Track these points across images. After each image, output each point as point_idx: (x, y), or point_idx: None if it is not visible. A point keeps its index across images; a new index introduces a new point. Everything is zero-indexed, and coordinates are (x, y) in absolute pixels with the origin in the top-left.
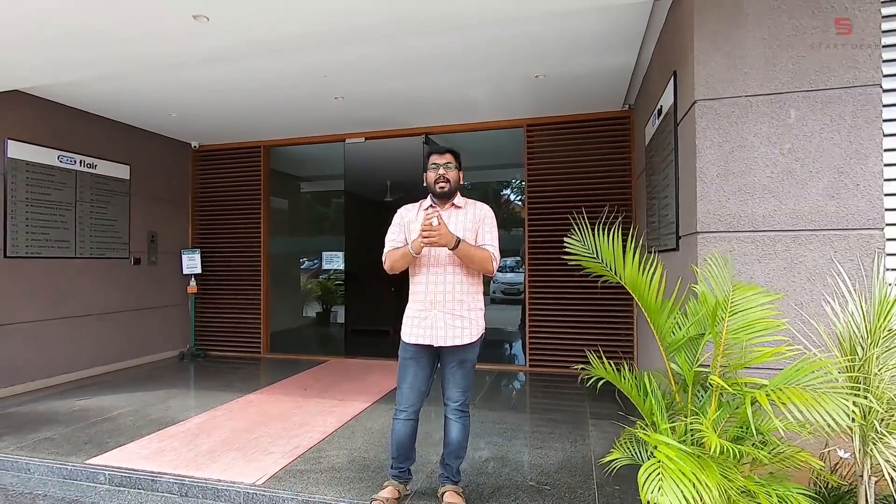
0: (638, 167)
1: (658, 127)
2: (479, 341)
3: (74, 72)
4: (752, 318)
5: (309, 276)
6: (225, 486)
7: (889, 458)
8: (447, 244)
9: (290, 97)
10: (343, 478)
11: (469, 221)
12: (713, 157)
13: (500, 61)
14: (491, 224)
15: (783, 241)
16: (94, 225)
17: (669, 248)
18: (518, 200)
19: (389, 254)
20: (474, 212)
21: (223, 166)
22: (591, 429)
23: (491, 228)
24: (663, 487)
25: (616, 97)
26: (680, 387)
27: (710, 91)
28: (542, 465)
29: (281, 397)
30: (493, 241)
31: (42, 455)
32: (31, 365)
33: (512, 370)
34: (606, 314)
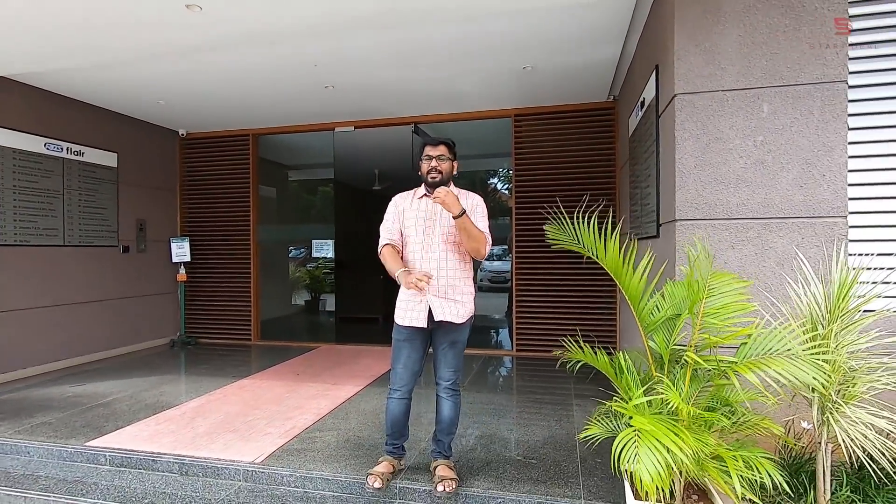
0: (622, 157)
1: (641, 119)
2: (468, 323)
3: (63, 60)
4: (726, 301)
5: (297, 265)
6: (224, 465)
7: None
8: (453, 210)
9: (279, 86)
10: (339, 455)
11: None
12: (691, 148)
13: (489, 53)
14: (482, 213)
15: (755, 229)
16: (83, 213)
17: (651, 236)
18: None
19: (383, 253)
20: (466, 202)
21: (211, 154)
22: (575, 408)
23: (482, 217)
24: (639, 454)
25: (601, 88)
26: (657, 364)
27: (689, 85)
28: (528, 441)
29: (274, 382)
30: (484, 229)
31: (41, 439)
32: (22, 352)
33: (499, 355)
34: (591, 300)
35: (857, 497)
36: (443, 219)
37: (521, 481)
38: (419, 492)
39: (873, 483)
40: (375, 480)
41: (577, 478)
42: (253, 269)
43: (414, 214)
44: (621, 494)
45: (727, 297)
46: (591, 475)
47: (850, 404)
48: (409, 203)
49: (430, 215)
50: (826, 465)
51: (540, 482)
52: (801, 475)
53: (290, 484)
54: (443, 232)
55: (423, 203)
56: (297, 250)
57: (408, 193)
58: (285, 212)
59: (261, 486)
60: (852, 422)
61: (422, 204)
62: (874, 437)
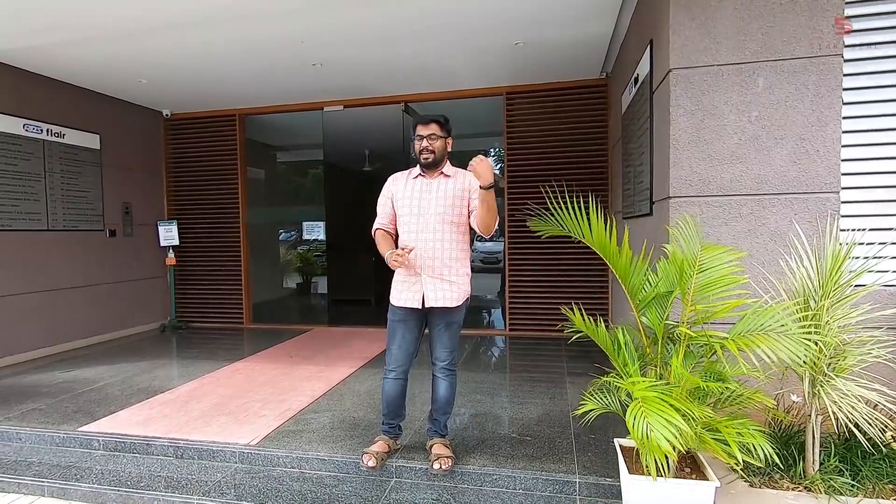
0: (614, 135)
1: (634, 95)
2: (464, 304)
3: (38, 36)
4: (717, 275)
5: (288, 248)
6: (220, 447)
7: (835, 399)
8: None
9: (266, 64)
10: (334, 436)
11: (458, 189)
12: (686, 124)
13: (480, 29)
14: None
15: (748, 205)
16: (66, 196)
17: (643, 214)
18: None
19: (375, 236)
20: (463, 181)
21: (197, 135)
22: (568, 386)
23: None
24: (650, 423)
25: (594, 65)
26: (651, 340)
27: (685, 60)
28: (522, 419)
29: (267, 365)
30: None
31: (32, 424)
32: (8, 339)
33: (492, 334)
34: (583, 278)
35: (845, 466)
36: (438, 199)
37: (516, 458)
38: (416, 470)
39: (860, 453)
40: (370, 459)
41: (572, 454)
42: (243, 252)
43: (408, 195)
44: (615, 469)
45: (719, 271)
46: (585, 451)
47: (841, 377)
48: (402, 184)
49: (425, 195)
50: (815, 437)
51: (535, 458)
52: (790, 446)
53: (287, 465)
54: (437, 212)
55: (418, 183)
56: (287, 233)
57: (403, 174)
58: (275, 194)
59: (257, 467)
60: (843, 394)
61: (416, 184)
62: (863, 409)
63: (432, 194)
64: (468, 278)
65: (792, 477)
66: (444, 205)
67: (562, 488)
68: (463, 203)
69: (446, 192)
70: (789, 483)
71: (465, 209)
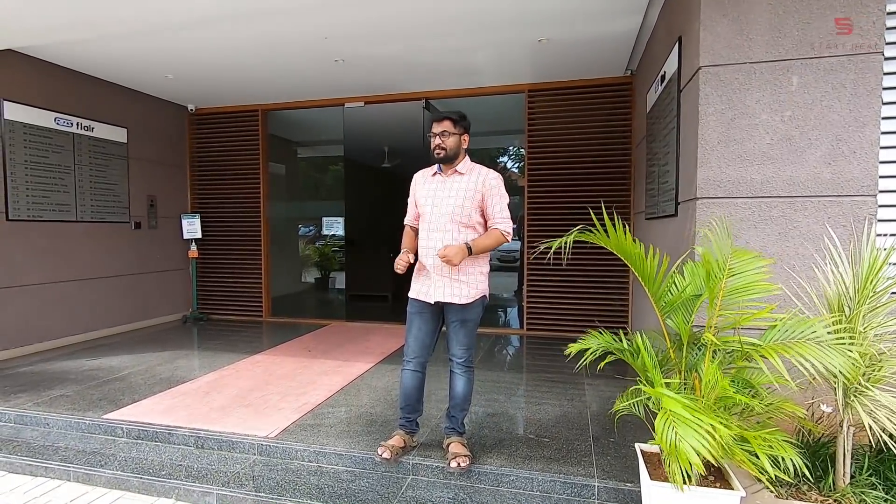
0: (638, 134)
1: (661, 93)
2: (478, 302)
3: (67, 31)
4: (748, 280)
5: (307, 242)
6: (240, 439)
7: (872, 410)
8: (461, 260)
9: (289, 59)
10: (352, 431)
11: (469, 190)
12: (715, 123)
13: (504, 24)
14: (498, 194)
15: (779, 207)
16: (94, 188)
17: (668, 215)
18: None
19: (403, 233)
20: (476, 179)
21: (220, 130)
22: (586, 387)
23: (499, 199)
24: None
25: (619, 63)
26: (675, 345)
27: (715, 57)
28: (540, 419)
29: (286, 358)
30: (501, 213)
31: (59, 411)
32: (37, 326)
33: (509, 334)
34: (602, 280)
35: (878, 480)
36: (449, 198)
37: (534, 459)
38: (432, 468)
39: (894, 466)
40: (385, 451)
41: (590, 456)
42: (263, 246)
43: (425, 193)
44: (635, 474)
45: (748, 277)
46: (604, 454)
47: (877, 387)
48: (421, 182)
49: (439, 193)
50: (847, 449)
51: (552, 461)
52: (819, 457)
53: (304, 458)
54: (448, 211)
55: (435, 181)
56: (306, 228)
57: (426, 171)
58: (296, 189)
59: (275, 459)
60: (879, 405)
61: (433, 182)
62: None
63: (445, 193)
64: (482, 276)
65: (821, 489)
66: (455, 204)
67: (580, 492)
68: (474, 203)
69: (458, 191)
70: (818, 495)
71: (475, 210)
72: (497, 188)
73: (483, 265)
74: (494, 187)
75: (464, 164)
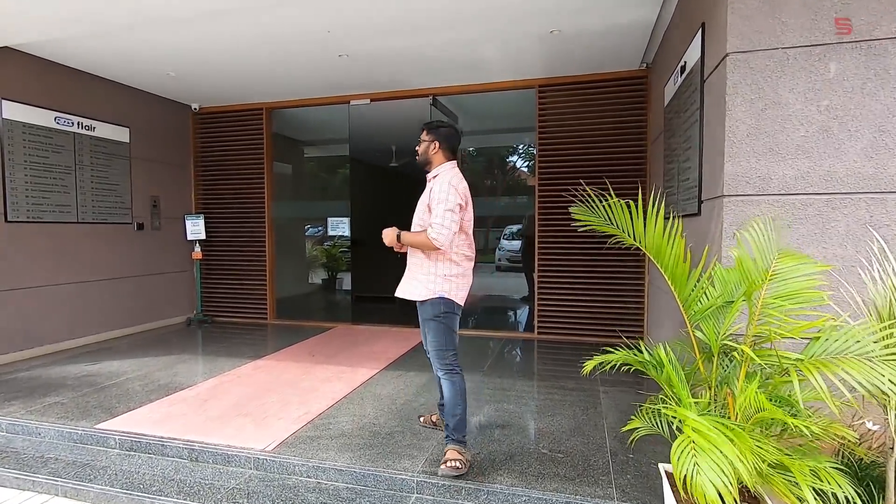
0: (654, 130)
1: (681, 85)
2: (433, 302)
3: (66, 26)
4: (793, 287)
5: (314, 243)
6: (235, 452)
7: None
8: (390, 242)
9: (292, 55)
10: (353, 444)
11: (426, 196)
12: (744, 114)
13: (513, 15)
14: (440, 201)
15: (815, 205)
16: (95, 189)
17: (690, 214)
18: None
19: None
20: (430, 190)
21: (225, 129)
22: (602, 396)
23: (438, 205)
24: (699, 465)
25: (634, 55)
26: (704, 356)
27: (744, 42)
28: (553, 432)
29: (289, 363)
30: (436, 219)
31: (52, 419)
32: (37, 330)
33: (520, 337)
34: (616, 281)
35: None
36: (420, 203)
37: (548, 477)
38: (438, 486)
39: None
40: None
41: (609, 475)
42: (268, 248)
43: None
44: (657, 495)
45: (795, 284)
46: (623, 472)
47: None
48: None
49: (420, 197)
50: None
51: (568, 479)
52: (863, 481)
53: (303, 474)
54: (417, 214)
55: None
56: (314, 228)
57: None
58: (301, 189)
59: (272, 475)
60: None
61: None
62: None
63: (421, 197)
64: (435, 277)
65: None
66: (419, 209)
67: None
68: (427, 209)
69: (423, 196)
70: None
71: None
72: (439, 195)
73: (436, 266)
74: (437, 194)
75: (436, 169)
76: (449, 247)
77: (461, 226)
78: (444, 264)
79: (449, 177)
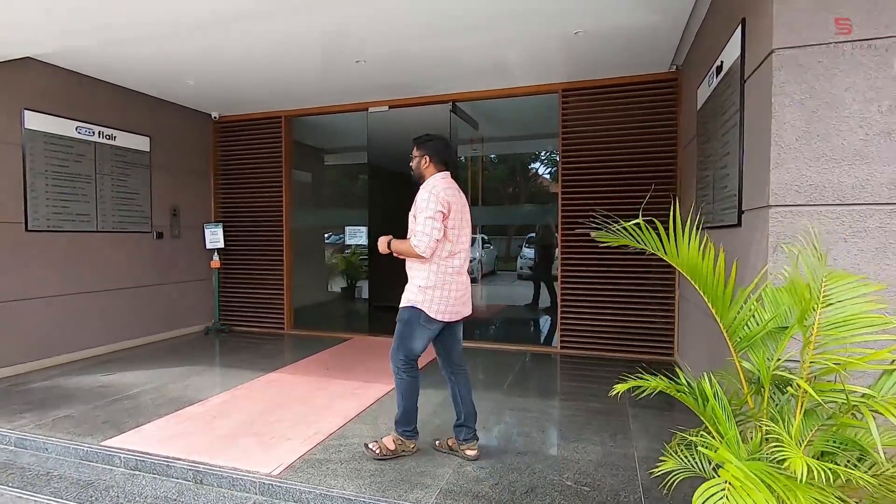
0: (686, 135)
1: (717, 87)
2: (407, 310)
3: (84, 36)
4: (848, 312)
5: (333, 251)
6: (240, 476)
7: None
8: (383, 248)
9: (309, 61)
10: (363, 470)
11: (413, 209)
12: (792, 116)
13: (536, 15)
14: (419, 208)
15: (877, 217)
16: (116, 198)
17: (728, 224)
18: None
19: None
20: (418, 195)
21: (244, 138)
22: (631, 420)
23: (419, 212)
24: None
25: (663, 56)
26: (753, 389)
27: (793, 37)
28: (579, 461)
29: (302, 377)
30: (418, 225)
31: (60, 434)
32: (57, 339)
33: (542, 352)
34: (644, 293)
35: None
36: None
37: None
38: None
39: None
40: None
41: None
42: (285, 257)
43: None
44: None
45: (851, 307)
46: None
47: None
48: None
49: None
50: None
51: None
52: None
53: (309, 502)
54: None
55: None
56: (335, 236)
57: None
58: (319, 197)
59: (277, 501)
60: None
61: None
62: None
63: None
64: (414, 287)
65: None
66: (409, 220)
67: None
68: (414, 219)
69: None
70: None
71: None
72: (420, 204)
73: (417, 275)
74: (419, 203)
75: (426, 182)
76: (431, 254)
77: (445, 233)
78: (422, 274)
79: (431, 185)
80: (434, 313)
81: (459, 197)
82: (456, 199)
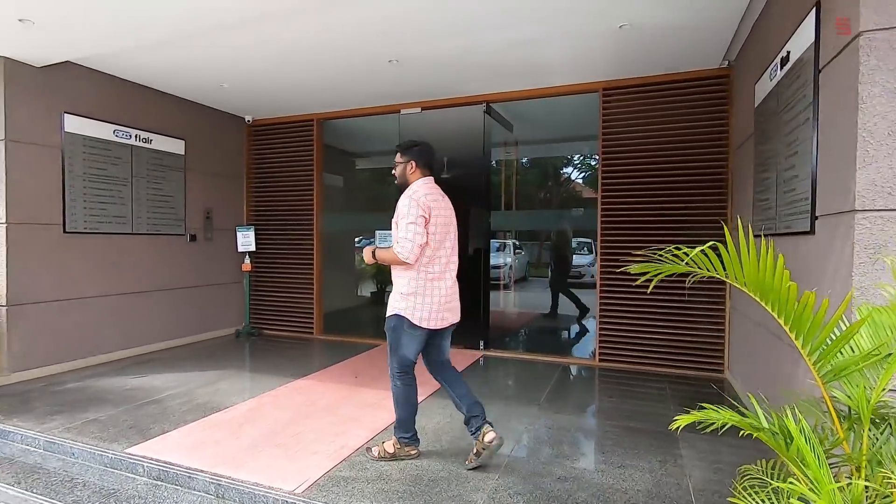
0: (739, 135)
1: (781, 81)
2: (392, 318)
3: (119, 39)
4: None
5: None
6: (262, 492)
7: None
8: (369, 258)
9: (341, 62)
10: (391, 491)
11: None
12: (884, 108)
13: (578, 8)
14: (401, 214)
15: None
16: (151, 200)
17: (797, 232)
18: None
19: None
20: (399, 202)
21: (276, 141)
22: (682, 444)
23: (401, 219)
24: None
25: (714, 52)
26: (847, 424)
27: (883, 17)
28: (627, 490)
29: (330, 385)
30: (401, 231)
31: (87, 439)
32: (92, 340)
33: (580, 364)
34: (691, 303)
35: None
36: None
37: None
38: None
39: None
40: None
41: None
42: (316, 261)
43: None
44: None
45: None
46: None
47: None
48: None
49: None
50: None
51: None
52: None
53: None
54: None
55: None
56: (367, 240)
57: None
58: (351, 201)
59: None
60: None
61: None
62: None
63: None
64: (399, 297)
65: None
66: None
67: None
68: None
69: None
70: None
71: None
72: (402, 210)
73: (399, 282)
74: (400, 209)
75: (408, 189)
76: (416, 259)
77: (428, 239)
78: (403, 281)
79: (412, 191)
80: (417, 320)
81: (442, 201)
82: (438, 203)
